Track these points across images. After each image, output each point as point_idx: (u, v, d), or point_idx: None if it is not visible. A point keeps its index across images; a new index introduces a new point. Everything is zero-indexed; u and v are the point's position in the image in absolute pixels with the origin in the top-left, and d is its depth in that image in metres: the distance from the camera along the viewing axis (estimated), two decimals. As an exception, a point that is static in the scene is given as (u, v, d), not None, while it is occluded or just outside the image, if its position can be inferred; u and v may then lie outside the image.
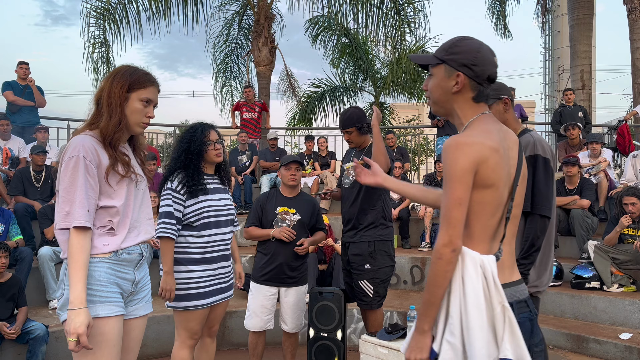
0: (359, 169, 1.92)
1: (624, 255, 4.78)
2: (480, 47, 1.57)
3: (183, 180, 2.86)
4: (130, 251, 1.95)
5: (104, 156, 1.90)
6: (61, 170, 1.85)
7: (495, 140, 1.51)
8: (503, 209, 1.54)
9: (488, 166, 1.47)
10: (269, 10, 10.75)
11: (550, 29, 19.25)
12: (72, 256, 1.79)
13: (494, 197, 1.50)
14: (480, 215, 1.51)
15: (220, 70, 13.19)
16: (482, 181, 1.48)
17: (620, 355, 4.00)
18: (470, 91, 1.59)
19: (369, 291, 3.41)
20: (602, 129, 10.93)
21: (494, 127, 1.56)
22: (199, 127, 2.94)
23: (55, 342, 4.10)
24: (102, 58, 10.02)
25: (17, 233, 4.89)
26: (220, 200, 2.96)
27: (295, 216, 3.56)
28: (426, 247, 6.31)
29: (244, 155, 8.02)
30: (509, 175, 1.55)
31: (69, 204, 1.80)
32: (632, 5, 9.55)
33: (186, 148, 2.89)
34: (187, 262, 2.85)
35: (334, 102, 14.97)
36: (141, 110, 1.98)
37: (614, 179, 6.59)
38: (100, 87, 2.00)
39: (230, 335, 4.84)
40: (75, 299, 1.75)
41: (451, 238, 1.45)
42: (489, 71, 1.57)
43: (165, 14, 10.20)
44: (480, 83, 1.58)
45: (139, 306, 2.04)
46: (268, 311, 3.58)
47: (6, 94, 7.00)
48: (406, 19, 10.24)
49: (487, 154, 1.47)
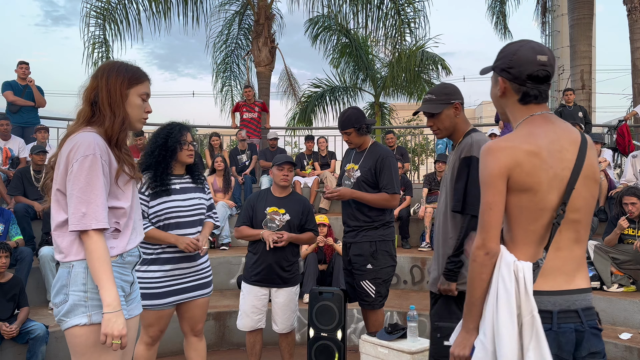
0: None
1: (624, 255, 4.78)
2: (518, 49, 1.57)
3: (147, 181, 2.91)
4: (132, 254, 1.95)
5: (112, 155, 1.88)
6: (73, 169, 1.76)
7: (534, 144, 1.50)
8: (549, 213, 1.50)
9: (522, 170, 1.47)
10: (269, 10, 10.75)
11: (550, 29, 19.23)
12: (100, 259, 1.75)
13: (533, 202, 1.49)
14: (520, 220, 1.51)
15: (220, 70, 13.20)
16: (518, 185, 1.48)
17: (620, 355, 4.00)
18: (514, 94, 1.60)
19: (371, 291, 3.40)
20: (602, 129, 10.93)
21: (542, 129, 1.54)
22: (176, 126, 2.99)
23: (55, 342, 4.10)
24: (102, 58, 10.01)
25: (17, 233, 4.89)
26: (186, 201, 2.95)
27: (284, 216, 3.56)
28: (426, 247, 6.31)
29: (244, 155, 8.03)
30: (557, 178, 1.50)
31: (86, 205, 1.74)
32: (632, 5, 9.55)
33: (162, 144, 2.91)
34: (143, 263, 2.89)
35: (334, 102, 14.98)
36: (141, 105, 1.96)
37: (613, 179, 6.59)
38: (92, 85, 1.90)
39: (230, 335, 4.84)
40: (113, 301, 1.73)
41: (484, 241, 1.50)
42: (528, 71, 1.54)
43: (165, 14, 10.20)
44: (522, 84, 1.56)
45: (134, 305, 2.04)
46: (259, 311, 3.59)
47: (6, 94, 6.99)
48: (406, 19, 10.25)
49: (521, 158, 1.48)
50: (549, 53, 1.57)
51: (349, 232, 3.51)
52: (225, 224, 6.42)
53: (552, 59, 1.57)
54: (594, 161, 1.57)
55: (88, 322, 1.77)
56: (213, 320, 4.78)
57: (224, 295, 5.42)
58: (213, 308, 4.87)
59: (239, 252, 6.07)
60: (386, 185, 3.36)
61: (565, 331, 1.48)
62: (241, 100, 9.02)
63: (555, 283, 1.51)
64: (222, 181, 6.90)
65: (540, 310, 1.46)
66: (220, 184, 6.89)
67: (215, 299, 5.22)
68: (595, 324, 1.53)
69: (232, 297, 5.30)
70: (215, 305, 4.96)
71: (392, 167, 3.41)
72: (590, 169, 1.54)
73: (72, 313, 1.79)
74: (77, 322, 1.78)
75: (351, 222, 3.48)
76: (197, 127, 11.46)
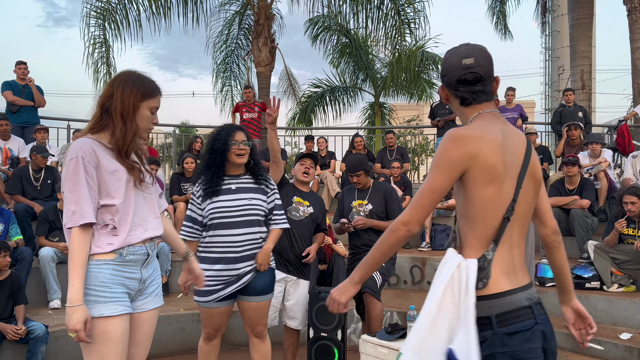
0: (330, 303, 1.75)
1: (624, 255, 4.78)
2: (448, 56, 1.61)
3: (199, 184, 3.00)
4: (136, 252, 2.00)
5: (103, 157, 1.95)
6: (63, 173, 1.93)
7: (497, 135, 1.51)
8: (505, 208, 1.51)
9: (487, 160, 1.47)
10: (269, 10, 10.75)
11: (550, 29, 19.25)
12: (72, 255, 1.86)
13: (498, 195, 1.49)
14: (484, 216, 1.50)
15: (221, 71, 13.19)
16: (483, 176, 1.48)
17: (621, 355, 4.00)
18: (454, 99, 1.64)
19: (378, 280, 3.72)
20: (602, 129, 10.93)
21: (497, 125, 1.56)
22: (225, 127, 3.03)
23: (55, 342, 4.10)
24: (102, 58, 10.01)
25: (17, 233, 4.88)
26: (234, 201, 2.92)
27: (308, 209, 3.66)
28: (426, 247, 6.31)
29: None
30: (511, 173, 1.52)
31: (74, 203, 1.87)
32: (632, 5, 9.55)
33: (210, 147, 2.98)
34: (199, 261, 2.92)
35: (334, 102, 14.97)
36: (149, 117, 2.06)
37: (613, 179, 6.60)
38: (107, 92, 2.01)
39: (230, 335, 4.84)
40: (72, 296, 1.83)
41: (412, 219, 1.51)
42: (456, 76, 1.58)
43: (165, 14, 10.18)
44: (456, 89, 1.61)
45: (148, 300, 2.10)
46: (274, 308, 3.61)
47: (6, 94, 6.99)
48: (406, 20, 10.24)
49: (487, 147, 1.48)
50: (478, 54, 1.58)
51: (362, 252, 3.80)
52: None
53: (481, 60, 1.57)
54: (538, 162, 1.64)
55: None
56: (213, 320, 4.78)
57: (224, 295, 5.41)
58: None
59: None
60: (396, 212, 3.83)
61: (545, 322, 1.51)
62: (241, 100, 9.02)
63: (517, 280, 1.53)
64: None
65: (522, 307, 1.47)
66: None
67: (215, 299, 5.21)
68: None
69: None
70: (215, 305, 4.96)
71: (398, 197, 4.00)
72: (535, 169, 1.60)
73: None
74: None
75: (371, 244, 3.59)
76: (197, 127, 11.47)
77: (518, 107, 8.32)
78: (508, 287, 1.49)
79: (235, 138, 2.95)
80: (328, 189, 7.54)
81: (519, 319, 1.46)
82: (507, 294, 1.48)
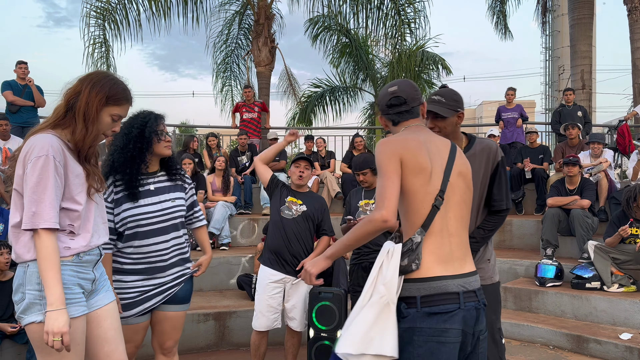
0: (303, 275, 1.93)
1: (624, 256, 4.77)
2: (380, 91, 1.93)
3: (111, 185, 2.54)
4: (91, 253, 1.99)
5: (69, 158, 1.90)
6: (27, 170, 1.80)
7: (417, 137, 1.82)
8: (433, 197, 1.75)
9: (412, 154, 1.76)
10: (269, 10, 10.75)
11: (551, 29, 19.23)
12: (47, 258, 1.78)
13: (425, 185, 1.75)
14: (414, 202, 1.75)
15: (221, 70, 13.21)
16: (411, 167, 1.75)
17: (621, 355, 4.00)
18: (388, 122, 1.98)
19: None
20: (602, 129, 10.92)
21: (420, 132, 1.87)
22: (152, 114, 2.61)
23: (55, 342, 4.10)
24: (102, 58, 10.02)
25: (16, 233, 4.87)
26: (156, 205, 2.57)
27: (301, 207, 3.66)
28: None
29: (244, 156, 8.03)
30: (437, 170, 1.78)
31: (36, 204, 1.78)
32: (632, 5, 9.55)
33: (137, 135, 2.52)
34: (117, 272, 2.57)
35: (333, 102, 14.97)
36: (109, 124, 1.99)
37: (614, 179, 6.59)
38: (76, 89, 1.94)
39: (230, 335, 4.84)
40: (56, 300, 1.77)
41: (385, 209, 1.68)
42: (384, 101, 1.95)
43: (165, 14, 10.20)
44: (387, 113, 1.95)
45: (100, 296, 2.07)
46: (274, 310, 3.60)
47: (6, 94, 6.99)
48: (406, 19, 10.26)
49: (409, 144, 1.78)
50: (401, 82, 1.94)
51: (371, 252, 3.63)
52: (225, 224, 6.41)
53: (404, 86, 1.92)
54: (465, 161, 1.91)
55: (43, 320, 1.81)
56: (213, 320, 4.78)
57: (224, 296, 5.41)
58: (213, 308, 4.86)
59: (239, 252, 6.07)
60: None
61: (469, 309, 1.73)
62: (241, 100, 9.02)
63: (453, 268, 1.75)
64: (221, 181, 6.90)
65: (449, 293, 1.70)
66: (219, 184, 6.89)
67: (215, 299, 5.21)
68: (485, 302, 1.82)
69: (232, 298, 5.30)
70: (215, 306, 4.96)
71: None
72: (463, 167, 1.88)
73: (28, 311, 1.85)
74: (33, 320, 1.84)
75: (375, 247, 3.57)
76: (197, 127, 11.47)
77: (518, 107, 8.31)
78: (439, 274, 1.71)
79: (162, 127, 2.61)
80: (328, 189, 7.54)
81: (442, 302, 1.69)
82: (436, 279, 1.71)
